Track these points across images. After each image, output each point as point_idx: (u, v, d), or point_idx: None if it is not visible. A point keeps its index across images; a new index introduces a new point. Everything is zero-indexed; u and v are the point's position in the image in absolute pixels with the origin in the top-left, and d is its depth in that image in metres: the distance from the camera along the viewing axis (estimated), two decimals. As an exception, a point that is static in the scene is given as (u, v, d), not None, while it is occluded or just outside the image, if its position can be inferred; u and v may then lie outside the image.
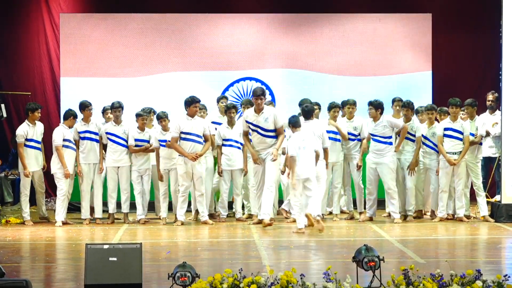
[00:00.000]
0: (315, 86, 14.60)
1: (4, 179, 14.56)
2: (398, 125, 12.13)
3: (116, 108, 12.29)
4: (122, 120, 12.35)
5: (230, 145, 12.32)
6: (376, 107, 12.18)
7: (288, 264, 8.63)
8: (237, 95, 14.46)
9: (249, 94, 14.36)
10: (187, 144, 11.94)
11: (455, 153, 11.95)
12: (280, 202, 12.56)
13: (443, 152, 11.95)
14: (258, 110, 11.60)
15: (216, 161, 12.46)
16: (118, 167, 12.28)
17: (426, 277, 6.75)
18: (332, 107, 12.38)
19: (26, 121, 12.24)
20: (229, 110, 12.36)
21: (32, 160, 12.16)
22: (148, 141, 12.21)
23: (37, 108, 12.24)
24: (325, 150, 11.68)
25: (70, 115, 12.28)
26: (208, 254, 9.58)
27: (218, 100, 13.09)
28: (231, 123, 12.35)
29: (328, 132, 12.01)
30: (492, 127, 12.78)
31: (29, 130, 12.14)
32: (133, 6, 14.78)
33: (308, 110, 11.71)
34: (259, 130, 11.63)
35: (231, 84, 14.60)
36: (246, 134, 11.90)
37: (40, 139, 12.27)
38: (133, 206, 12.37)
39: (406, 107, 12.24)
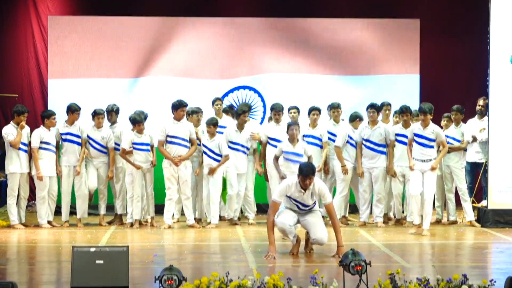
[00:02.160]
0: (307, 88, 14.63)
1: (-11, 182, 14.50)
2: (390, 138, 12.12)
3: (99, 115, 12.45)
4: (104, 125, 12.44)
5: (237, 149, 12.23)
6: (378, 110, 12.22)
7: (275, 268, 8.63)
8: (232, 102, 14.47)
9: (247, 101, 14.35)
10: (172, 148, 11.94)
11: (424, 161, 11.39)
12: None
13: (409, 156, 11.57)
14: (305, 190, 9.46)
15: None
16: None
17: (413, 282, 6.77)
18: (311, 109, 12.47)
19: (12, 122, 12.18)
20: (243, 114, 12.20)
21: (17, 163, 12.10)
22: (148, 144, 12.16)
23: (24, 112, 12.15)
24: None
25: (50, 115, 12.23)
26: (195, 257, 9.56)
27: (213, 103, 13.05)
28: (241, 127, 12.24)
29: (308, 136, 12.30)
30: (479, 132, 12.80)
31: (14, 131, 12.06)
32: (121, 9, 14.75)
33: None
34: (299, 205, 9.61)
35: (227, 94, 14.56)
36: (277, 159, 11.60)
37: (26, 142, 12.19)
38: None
39: (404, 113, 12.05)
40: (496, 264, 9.42)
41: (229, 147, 12.19)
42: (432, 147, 11.43)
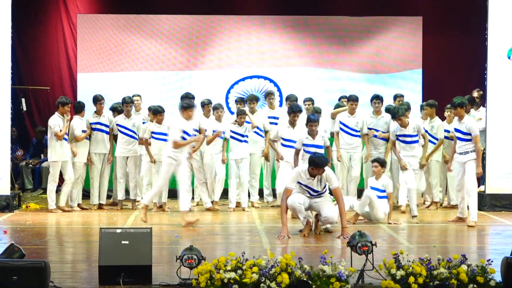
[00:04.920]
0: (317, 82, 14.61)
1: (25, 168, 14.56)
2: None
3: (127, 103, 12.24)
4: (132, 114, 12.30)
5: (290, 146, 11.54)
6: (382, 101, 12.09)
7: (287, 248, 8.63)
8: (243, 92, 14.47)
9: (260, 91, 14.34)
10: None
11: (461, 153, 10.59)
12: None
13: (452, 151, 10.99)
14: (314, 177, 9.55)
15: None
16: (127, 157, 12.26)
17: (415, 261, 6.74)
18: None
19: (56, 113, 12.07)
20: (294, 114, 11.48)
21: (60, 151, 12.03)
22: (166, 134, 12.09)
23: (68, 103, 12.07)
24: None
25: (81, 108, 12.19)
26: (213, 238, 9.57)
27: (266, 96, 12.96)
28: (293, 124, 11.62)
29: None
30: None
31: (60, 123, 11.97)
32: (145, 8, 14.79)
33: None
34: (310, 191, 9.63)
35: (236, 82, 14.57)
36: (298, 153, 10.80)
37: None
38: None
39: (431, 106, 11.86)
40: (493, 245, 9.38)
41: (282, 144, 11.67)
42: (469, 140, 10.56)
